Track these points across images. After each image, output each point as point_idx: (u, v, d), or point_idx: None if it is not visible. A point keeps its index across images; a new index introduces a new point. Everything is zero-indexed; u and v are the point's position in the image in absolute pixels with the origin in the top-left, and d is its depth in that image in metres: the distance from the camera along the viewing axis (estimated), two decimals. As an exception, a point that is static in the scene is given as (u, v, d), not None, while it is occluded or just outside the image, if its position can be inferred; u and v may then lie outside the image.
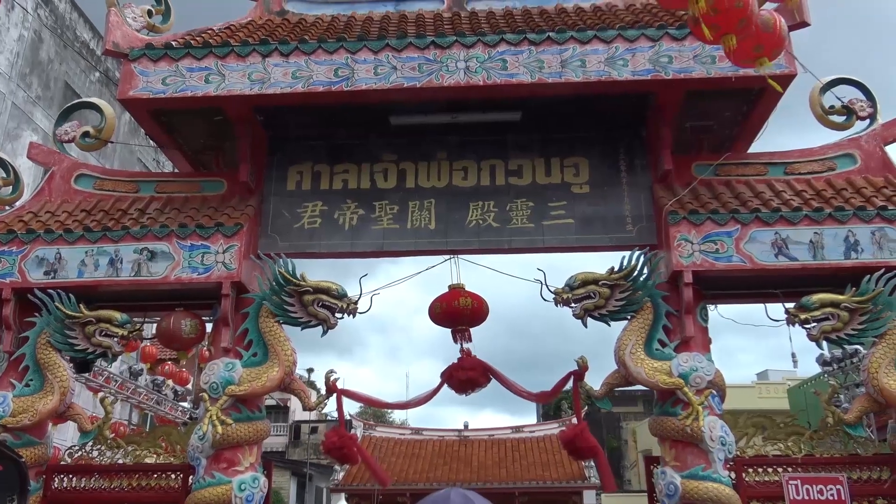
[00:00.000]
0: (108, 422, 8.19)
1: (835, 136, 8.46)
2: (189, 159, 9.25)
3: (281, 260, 7.75)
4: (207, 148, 9.04)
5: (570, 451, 8.13)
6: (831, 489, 7.30)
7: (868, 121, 8.32)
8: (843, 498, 7.27)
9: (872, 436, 9.84)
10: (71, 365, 8.10)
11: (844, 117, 8.32)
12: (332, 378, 7.95)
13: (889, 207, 7.50)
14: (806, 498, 7.29)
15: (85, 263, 7.92)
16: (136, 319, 8.11)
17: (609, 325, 7.66)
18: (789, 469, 7.50)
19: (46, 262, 7.91)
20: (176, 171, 9.82)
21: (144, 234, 7.92)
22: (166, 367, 16.80)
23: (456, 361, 8.02)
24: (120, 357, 16.16)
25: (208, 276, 7.77)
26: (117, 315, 7.79)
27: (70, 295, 7.76)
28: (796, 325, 7.44)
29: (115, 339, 7.80)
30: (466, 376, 7.87)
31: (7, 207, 8.57)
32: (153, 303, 8.33)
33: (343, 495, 8.77)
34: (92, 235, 7.97)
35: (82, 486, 7.89)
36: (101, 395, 8.97)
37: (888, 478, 7.41)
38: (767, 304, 7.84)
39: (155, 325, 8.38)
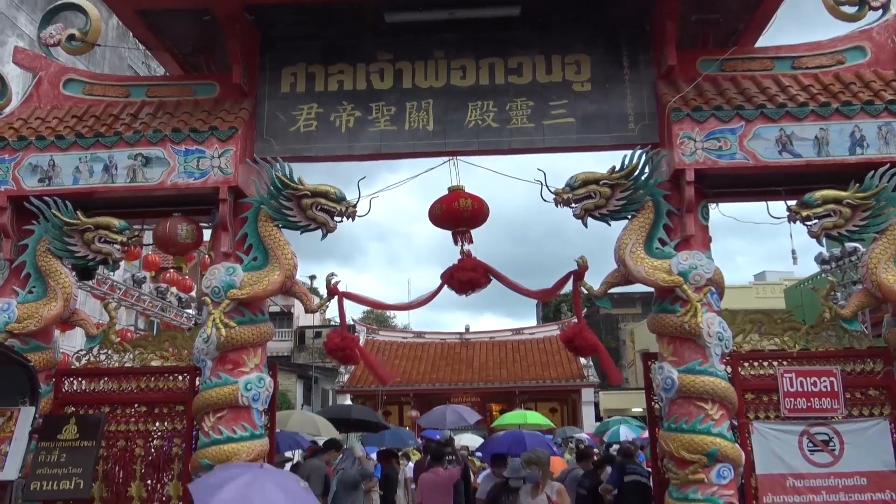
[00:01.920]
0: (113, 326, 8.29)
1: (845, 29, 8.18)
2: (179, 62, 8.98)
3: (278, 164, 7.65)
4: (198, 50, 8.75)
5: (571, 349, 8.26)
6: (825, 381, 7.48)
7: (881, 11, 8.01)
8: (835, 389, 7.46)
9: (867, 331, 9.98)
10: (73, 272, 8.15)
11: (856, 7, 7.99)
12: (332, 280, 7.99)
13: (897, 101, 7.33)
14: (799, 390, 7.48)
15: (79, 170, 7.84)
16: (134, 227, 8.10)
17: (609, 224, 7.64)
18: (784, 363, 7.66)
19: (40, 169, 7.83)
20: (167, 74, 9.58)
21: (138, 139, 7.80)
22: (168, 275, 16.96)
23: (456, 262, 8.04)
24: (123, 265, 16.38)
25: (205, 181, 7.70)
26: (115, 222, 7.77)
27: (66, 202, 7.71)
28: (797, 222, 7.40)
29: (115, 246, 7.82)
30: (467, 277, 7.90)
31: (-4, 114, 8.40)
32: (151, 209, 8.28)
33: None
34: (84, 142, 7.85)
35: (92, 388, 8.08)
36: (105, 301, 9.05)
37: (881, 369, 7.58)
38: (769, 203, 7.79)
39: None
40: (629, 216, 7.58)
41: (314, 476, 8.03)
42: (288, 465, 10.58)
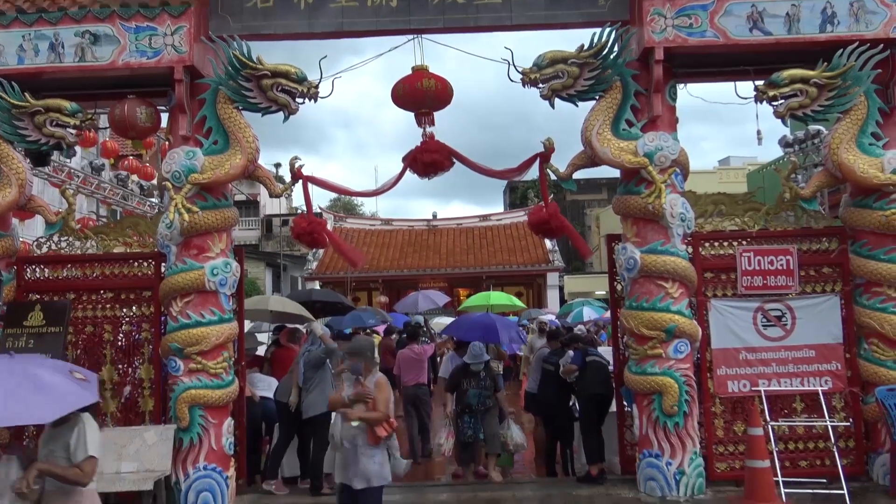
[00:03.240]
0: (72, 213, 8.11)
1: None
2: (124, -70, 8.38)
3: (235, 42, 7.32)
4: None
5: (542, 231, 8.34)
6: (781, 259, 7.69)
7: None
8: (791, 267, 7.69)
9: (825, 212, 10.22)
10: (27, 158, 7.88)
11: None
12: (296, 164, 7.85)
13: (872, -27, 7.19)
14: (757, 268, 7.70)
15: (24, 49, 7.44)
16: (88, 110, 7.79)
17: (577, 105, 7.54)
18: (744, 242, 7.84)
19: (-19, 48, 7.40)
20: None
21: (84, 14, 7.39)
22: (126, 163, 16.55)
23: (419, 145, 7.93)
24: (80, 152, 15.90)
25: (158, 61, 7.38)
26: (66, 104, 7.45)
27: (13, 83, 7.36)
28: (764, 102, 7.38)
29: (69, 130, 7.54)
30: (430, 159, 7.82)
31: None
32: (103, 91, 7.96)
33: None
34: (27, 18, 7.41)
35: (56, 276, 8.02)
36: (62, 187, 8.81)
37: (836, 248, 7.81)
38: (737, 83, 7.73)
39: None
40: (597, 97, 7.49)
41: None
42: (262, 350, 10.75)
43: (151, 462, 7.06)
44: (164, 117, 8.02)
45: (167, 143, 7.90)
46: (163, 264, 7.76)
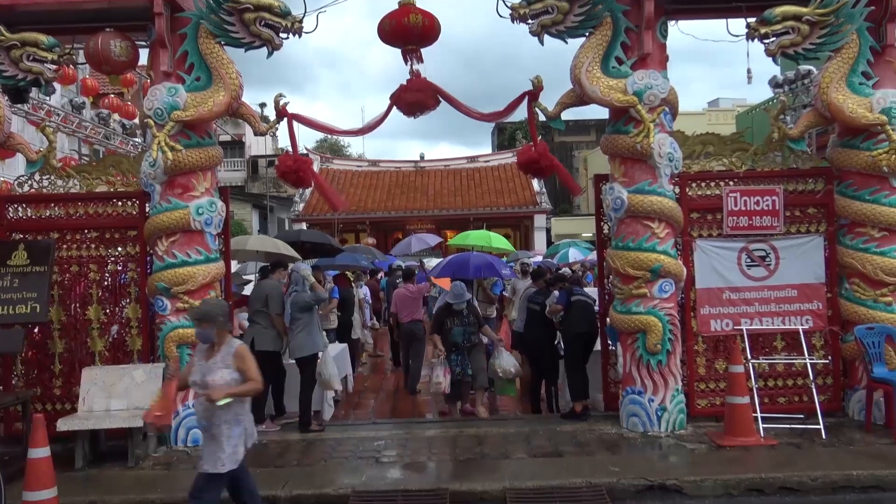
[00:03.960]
0: (53, 151, 7.98)
1: None
2: None
3: (216, -26, 7.10)
4: None
5: (532, 171, 8.30)
6: (767, 200, 7.72)
7: None
8: (776, 208, 7.72)
9: (812, 153, 10.20)
10: (4, 95, 7.70)
11: None
12: (281, 102, 7.72)
13: None
14: (743, 209, 7.73)
15: (-4, -20, 7.20)
16: (66, 45, 7.58)
17: (566, 42, 7.40)
18: (730, 183, 7.84)
19: (-48, -22, 7.15)
20: None
21: (58, -56, 7.13)
22: (107, 101, 16.20)
23: (404, 83, 7.81)
24: (59, 90, 15.54)
25: (137, -8, 7.16)
26: (43, 38, 7.26)
27: (-14, 16, 7.14)
28: (755, 40, 7.27)
29: (46, 65, 7.37)
30: (415, 98, 7.70)
31: None
32: (82, 25, 7.71)
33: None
34: (-2, -53, 7.15)
35: (39, 215, 7.93)
36: (42, 124, 8.65)
37: (821, 188, 7.83)
38: (729, 20, 7.60)
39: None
40: (587, 33, 7.36)
41: (273, 296, 8.16)
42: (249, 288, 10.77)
43: (141, 399, 7.12)
44: (145, 54, 7.84)
45: (148, 80, 7.71)
46: (147, 204, 7.69)
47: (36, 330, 7.73)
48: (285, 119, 7.87)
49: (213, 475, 4.73)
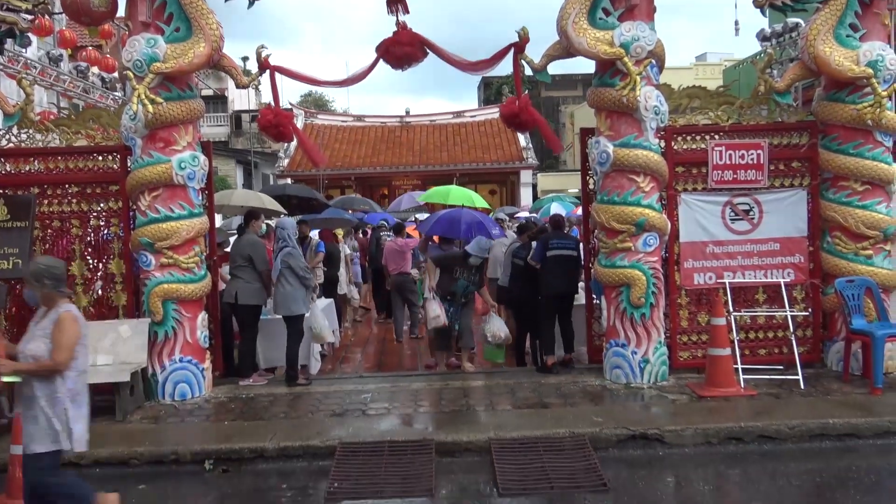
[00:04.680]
0: (31, 104, 7.83)
1: None
2: None
3: (193, -80, 6.90)
4: None
5: (514, 124, 8.21)
6: (752, 154, 7.73)
7: None
8: (761, 162, 7.74)
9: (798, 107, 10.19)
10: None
11: None
12: (263, 53, 7.59)
13: None
14: (728, 162, 7.74)
15: (-35, -75, 6.97)
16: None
17: (552, -7, 7.30)
18: (716, 136, 7.83)
19: (-81, -77, 6.92)
20: None
21: None
22: (85, 54, 15.86)
23: (392, 35, 7.68)
24: (36, 42, 15.17)
25: (112, -61, 6.96)
26: (17, -14, 7.07)
27: (-44, -37, 6.93)
28: (743, -9, 7.21)
29: (21, 15, 7.21)
30: (403, 52, 7.59)
31: None
32: (55, -27, 7.53)
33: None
34: None
35: (18, 170, 7.81)
36: (19, 76, 8.47)
37: (806, 142, 7.85)
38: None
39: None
40: (568, -18, 7.23)
41: (257, 253, 8.10)
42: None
43: (127, 355, 7.14)
44: (122, 5, 7.64)
45: (126, 32, 7.54)
46: (129, 158, 7.59)
47: (19, 286, 7.68)
48: (267, 72, 7.74)
49: (37, 455, 4.25)
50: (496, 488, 5.27)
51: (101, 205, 7.84)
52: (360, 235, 15.20)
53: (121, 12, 7.87)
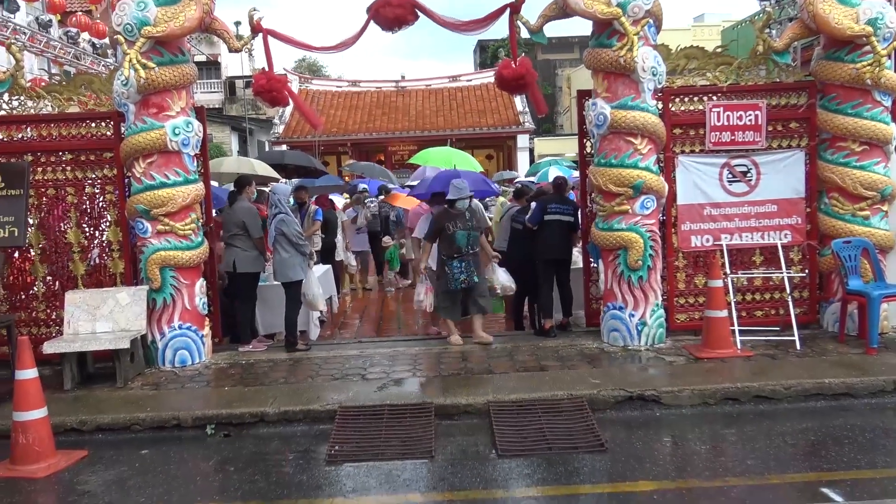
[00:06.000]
0: (21, 69, 7.73)
1: None
2: None
3: None
4: None
5: (507, 87, 8.10)
6: (750, 115, 7.68)
7: None
8: (759, 123, 7.69)
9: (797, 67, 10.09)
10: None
11: None
12: (255, 17, 7.47)
13: None
14: (726, 123, 7.69)
15: None
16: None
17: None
18: (714, 98, 7.77)
19: None
20: None
21: None
22: (74, 19, 15.64)
23: (382, -4, 7.54)
24: (24, 7, 14.94)
25: None
26: (2, -51, 6.94)
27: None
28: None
29: (8, -21, 7.06)
30: (393, 14, 7.44)
31: None
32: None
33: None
34: None
35: (10, 137, 7.75)
36: (7, 42, 8.34)
37: (804, 102, 7.79)
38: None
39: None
40: (570, -58, 7.10)
41: (250, 218, 8.05)
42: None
43: (126, 322, 7.16)
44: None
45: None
46: (122, 124, 7.52)
47: (16, 255, 7.68)
48: (260, 35, 7.64)
49: None
50: (495, 450, 5.32)
51: (96, 172, 7.79)
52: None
53: (110, -24, 7.76)
